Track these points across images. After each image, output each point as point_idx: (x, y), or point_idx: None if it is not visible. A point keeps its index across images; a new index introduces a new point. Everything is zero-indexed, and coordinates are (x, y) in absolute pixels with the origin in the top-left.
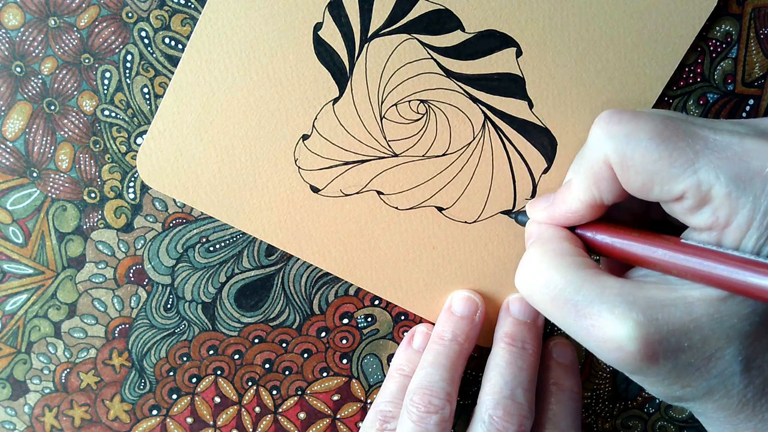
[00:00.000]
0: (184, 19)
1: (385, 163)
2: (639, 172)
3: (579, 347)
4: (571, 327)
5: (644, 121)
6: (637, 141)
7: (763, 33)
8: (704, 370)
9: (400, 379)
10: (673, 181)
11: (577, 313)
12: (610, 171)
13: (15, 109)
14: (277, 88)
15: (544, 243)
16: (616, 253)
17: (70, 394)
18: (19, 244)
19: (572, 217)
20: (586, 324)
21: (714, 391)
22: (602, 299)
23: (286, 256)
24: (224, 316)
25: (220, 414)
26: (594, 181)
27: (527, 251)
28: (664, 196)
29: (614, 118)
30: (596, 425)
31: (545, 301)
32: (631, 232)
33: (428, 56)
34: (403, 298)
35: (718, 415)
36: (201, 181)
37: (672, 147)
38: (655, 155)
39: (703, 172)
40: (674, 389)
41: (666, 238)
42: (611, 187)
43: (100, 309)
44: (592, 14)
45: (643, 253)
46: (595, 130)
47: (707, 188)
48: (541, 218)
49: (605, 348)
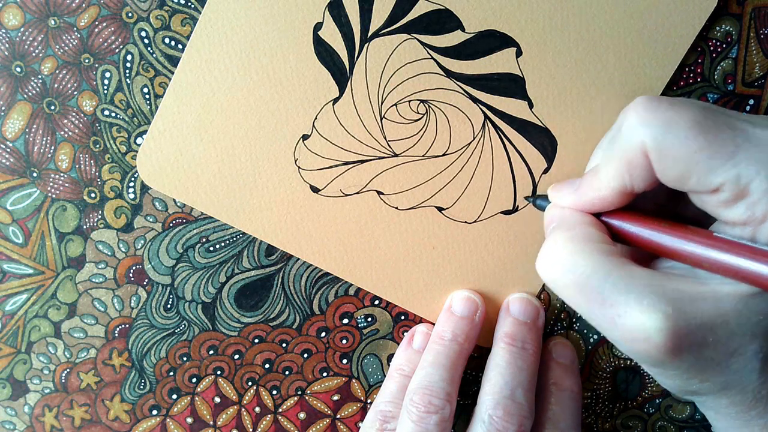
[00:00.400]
0: (184, 19)
1: (385, 163)
2: (677, 162)
3: (579, 347)
4: (595, 315)
5: (684, 110)
6: (677, 130)
7: (763, 33)
8: (724, 365)
9: (400, 379)
10: (711, 173)
11: (603, 302)
12: (645, 159)
13: (15, 109)
14: (277, 88)
15: (569, 228)
16: (644, 242)
17: (70, 394)
18: (19, 244)
19: (599, 203)
20: (612, 313)
21: (730, 387)
22: (630, 289)
23: (286, 256)
24: (224, 316)
25: (220, 414)
26: (627, 168)
27: (550, 236)
28: (699, 188)
29: (652, 105)
30: (596, 425)
31: (569, 287)
32: (660, 222)
33: (428, 56)
34: (403, 298)
35: (729, 411)
36: (201, 181)
37: (712, 138)
38: (695, 146)
39: (744, 165)
40: (691, 383)
41: (697, 231)
42: (644, 175)
43: (100, 309)
44: (592, 14)
45: (673, 244)
46: (631, 116)
47: (746, 182)
48: (566, 203)
49: (630, 338)
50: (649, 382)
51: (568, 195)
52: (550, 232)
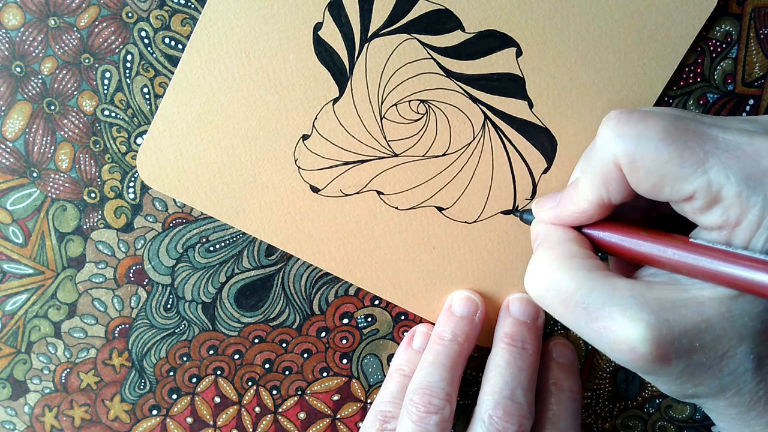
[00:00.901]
0: (184, 19)
1: (385, 163)
2: (649, 173)
3: (579, 347)
4: (583, 330)
5: (653, 122)
6: (647, 142)
7: (763, 33)
8: (716, 369)
9: (400, 379)
10: (683, 181)
11: (589, 316)
12: (619, 172)
13: (15, 109)
14: (277, 88)
15: (552, 246)
16: (625, 252)
17: (70, 394)
18: (19, 244)
19: (580, 216)
20: (598, 326)
21: (726, 389)
22: (613, 301)
23: (286, 256)
24: (224, 316)
25: (220, 414)
26: (603, 182)
27: (535, 253)
28: (674, 197)
29: (623, 119)
30: (596, 425)
31: (556, 305)
32: (639, 231)
33: (428, 56)
34: (403, 298)
35: (729, 412)
36: (201, 181)
37: (682, 147)
38: (665, 156)
39: (714, 172)
40: (686, 388)
41: (675, 237)
42: (620, 188)
43: (100, 309)
44: (592, 14)
45: (652, 252)
46: (604, 131)
47: (717, 188)
48: (547, 218)
49: (618, 350)
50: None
51: (550, 210)
52: (535, 249)
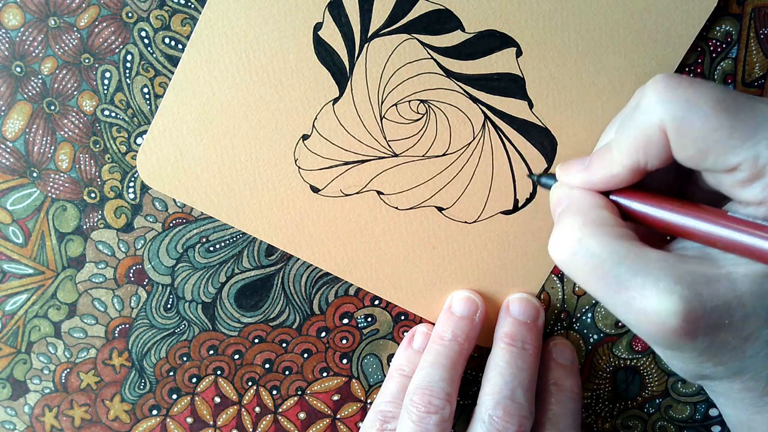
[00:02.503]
0: (184, 19)
1: (385, 163)
2: (696, 140)
3: (579, 347)
4: (609, 299)
5: (705, 89)
6: (698, 108)
7: (763, 33)
8: (740, 349)
9: (400, 379)
10: (729, 152)
11: (619, 286)
12: (662, 136)
13: (15, 109)
14: (277, 88)
15: (582, 212)
16: (655, 222)
17: (70, 394)
18: (19, 244)
19: (610, 181)
20: (627, 296)
21: (744, 372)
22: (646, 272)
23: (286, 256)
24: (224, 316)
25: (220, 414)
26: (643, 145)
27: (562, 218)
28: (717, 166)
29: (672, 83)
30: (596, 425)
31: (584, 272)
32: (671, 200)
33: (428, 56)
34: (403, 298)
35: (742, 396)
36: (201, 181)
37: (733, 117)
38: (715, 124)
39: (763, 145)
40: (706, 367)
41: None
42: (659, 153)
43: (100, 309)
44: (592, 14)
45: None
46: (650, 94)
47: (764, 162)
48: (576, 181)
49: (646, 321)
50: (649, 382)
51: (577, 173)
52: (560, 214)
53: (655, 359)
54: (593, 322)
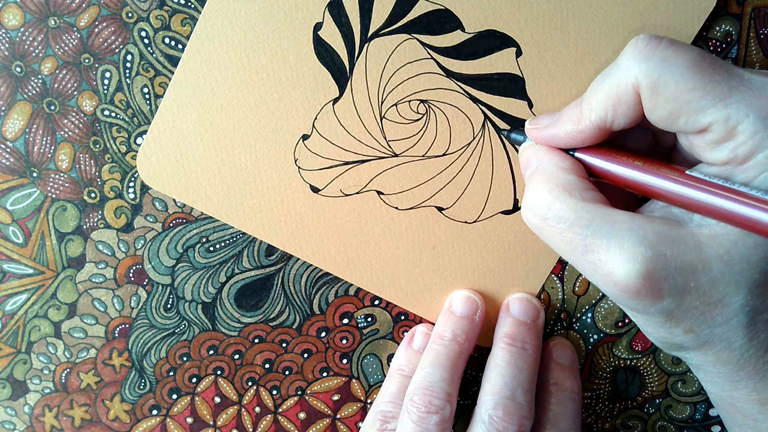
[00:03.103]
0: (184, 19)
1: (385, 163)
2: (668, 100)
3: (579, 347)
4: (577, 261)
5: (683, 50)
6: (674, 67)
7: (763, 33)
8: (709, 316)
9: (401, 379)
10: (701, 112)
11: (585, 248)
12: (635, 95)
13: (15, 109)
14: (277, 88)
15: (549, 175)
16: (620, 180)
17: (70, 394)
18: (19, 244)
19: (577, 137)
20: (593, 258)
21: (716, 341)
22: (612, 234)
23: (286, 256)
24: (224, 316)
25: (220, 414)
26: (614, 103)
27: (531, 181)
28: (688, 127)
29: (652, 43)
30: (596, 425)
31: (553, 235)
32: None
33: (428, 56)
34: (403, 298)
35: (717, 369)
36: (201, 181)
37: (707, 79)
38: (690, 84)
39: (734, 107)
40: (676, 333)
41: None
42: (628, 113)
43: (100, 309)
44: (592, 14)
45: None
46: (629, 51)
47: (734, 124)
48: (542, 135)
49: (611, 282)
50: (649, 382)
51: (545, 128)
52: (529, 177)
53: (655, 359)
54: (593, 322)
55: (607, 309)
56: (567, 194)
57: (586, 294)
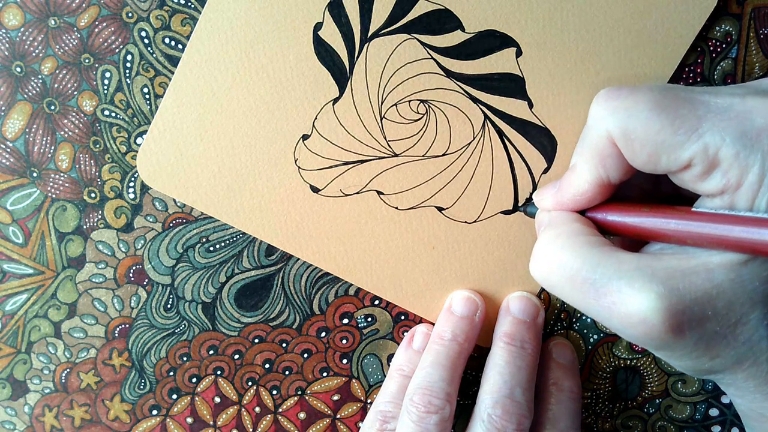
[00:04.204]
0: (184, 19)
1: (385, 163)
2: (643, 145)
3: (578, 347)
4: (591, 307)
5: (642, 93)
6: (638, 113)
7: (763, 33)
8: (731, 338)
9: (400, 379)
10: (679, 149)
11: (597, 292)
12: (614, 147)
13: (15, 109)
14: (277, 88)
15: (555, 226)
16: (629, 230)
17: (70, 394)
18: (19, 244)
19: (581, 199)
20: (607, 302)
21: (743, 360)
22: (620, 275)
23: (286, 256)
24: (224, 316)
25: (220, 414)
26: (599, 160)
27: (540, 237)
28: (672, 166)
29: (612, 94)
30: (596, 425)
31: (562, 284)
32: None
33: (428, 56)
34: (403, 298)
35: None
36: (201, 181)
37: (673, 115)
38: (657, 125)
39: (709, 135)
40: (703, 362)
41: (677, 209)
42: (617, 164)
43: (100, 309)
44: (592, 14)
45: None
46: (595, 108)
47: (714, 151)
48: (549, 205)
49: (629, 324)
50: (649, 382)
51: (550, 197)
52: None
53: (655, 359)
54: (593, 322)
55: None
56: (571, 240)
57: None
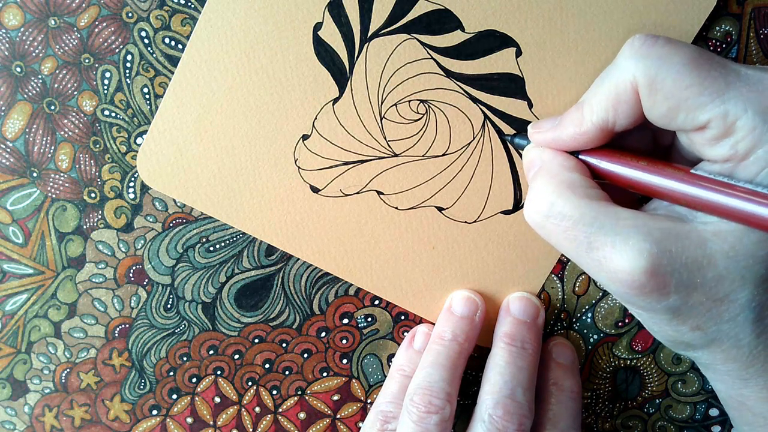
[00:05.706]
0: (184, 19)
1: (385, 163)
2: (666, 98)
3: (579, 347)
4: (581, 259)
5: (680, 47)
6: (671, 65)
7: (763, 33)
8: (716, 312)
9: (401, 379)
10: (699, 109)
11: (590, 246)
12: (633, 94)
13: (15, 109)
14: (277, 88)
15: (553, 174)
16: (624, 181)
17: (70, 394)
18: (19, 244)
19: (580, 139)
20: (598, 256)
21: (724, 339)
22: (616, 231)
23: (286, 256)
24: (224, 316)
25: (220, 414)
26: (614, 103)
27: (534, 181)
28: (686, 125)
29: (649, 41)
30: (596, 425)
31: (557, 233)
32: (638, 159)
33: (428, 56)
34: (403, 298)
35: (727, 367)
36: (201, 181)
37: (705, 75)
38: (687, 81)
39: (732, 103)
40: (683, 331)
41: (677, 167)
42: (629, 112)
43: (100, 309)
44: (592, 14)
45: (651, 181)
46: (626, 50)
47: (733, 120)
48: (545, 139)
49: (616, 279)
50: (649, 382)
51: (547, 131)
52: (532, 177)
53: (655, 359)
54: (593, 322)
55: (607, 309)
56: (571, 192)
57: (586, 294)
